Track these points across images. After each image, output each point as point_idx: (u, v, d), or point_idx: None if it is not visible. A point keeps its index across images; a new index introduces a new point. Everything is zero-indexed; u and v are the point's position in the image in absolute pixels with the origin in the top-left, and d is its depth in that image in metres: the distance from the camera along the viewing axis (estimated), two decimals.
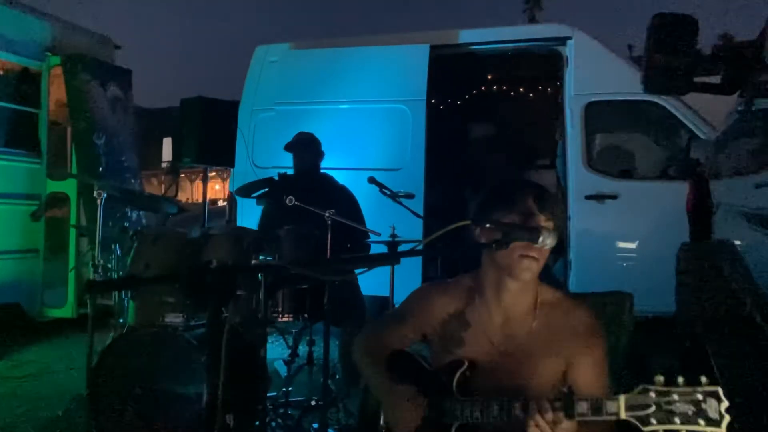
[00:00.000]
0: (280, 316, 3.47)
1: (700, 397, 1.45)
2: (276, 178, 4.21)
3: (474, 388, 1.89)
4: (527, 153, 8.12)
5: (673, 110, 5.51)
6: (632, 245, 5.55)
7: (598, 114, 5.73)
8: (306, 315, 3.47)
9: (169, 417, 3.07)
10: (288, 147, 4.43)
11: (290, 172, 4.47)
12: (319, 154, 4.42)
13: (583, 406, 1.61)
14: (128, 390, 3.11)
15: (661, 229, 5.02)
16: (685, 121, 5.47)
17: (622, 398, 1.54)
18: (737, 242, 3.24)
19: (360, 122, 6.06)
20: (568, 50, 5.82)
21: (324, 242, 3.37)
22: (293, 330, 3.87)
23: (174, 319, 3.22)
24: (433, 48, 6.00)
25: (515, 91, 7.96)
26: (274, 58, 6.48)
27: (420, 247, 2.37)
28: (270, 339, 4.95)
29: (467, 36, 6.18)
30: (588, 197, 5.48)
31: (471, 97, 7.95)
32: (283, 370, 4.05)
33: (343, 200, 4.17)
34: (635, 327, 2.25)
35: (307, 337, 3.91)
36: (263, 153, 6.06)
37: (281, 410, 3.50)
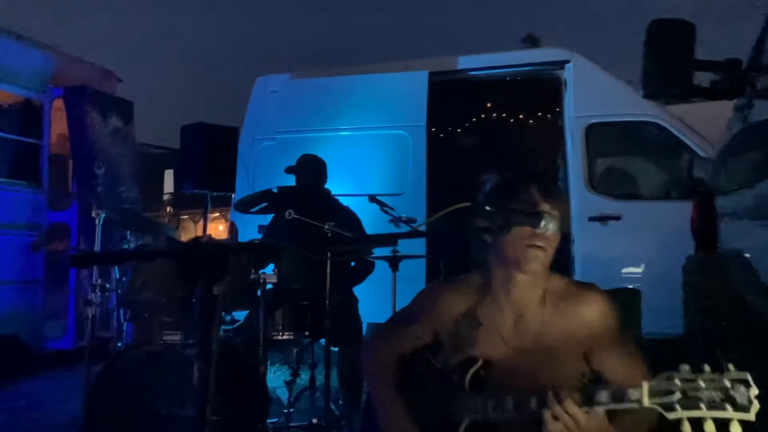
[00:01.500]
0: (281, 333, 3.41)
1: (727, 383, 1.39)
2: (275, 191, 4.18)
3: (488, 387, 1.82)
4: None
5: (673, 130, 5.50)
6: (637, 266, 5.49)
7: (598, 136, 5.73)
8: (306, 332, 3.40)
9: None
10: (290, 169, 4.42)
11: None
12: (323, 174, 4.38)
13: (603, 395, 1.54)
14: (126, 408, 3.05)
15: (666, 249, 4.96)
16: (686, 141, 5.46)
17: (645, 385, 1.48)
18: (747, 252, 3.18)
19: (361, 149, 6.07)
20: (567, 74, 5.84)
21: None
22: (294, 350, 3.80)
23: (172, 337, 3.17)
24: (432, 74, 6.04)
25: (515, 115, 7.98)
26: (275, 89, 6.53)
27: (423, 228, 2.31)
28: (272, 369, 4.88)
29: (466, 62, 6.22)
30: (591, 219, 5.44)
31: (471, 123, 7.98)
32: (284, 396, 3.97)
33: (346, 216, 4.13)
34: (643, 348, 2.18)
35: (309, 360, 3.85)
36: (265, 182, 6.04)
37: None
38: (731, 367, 1.42)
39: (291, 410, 3.53)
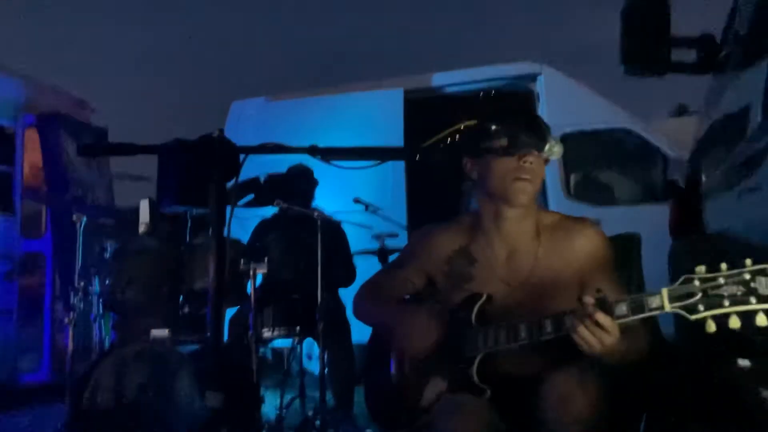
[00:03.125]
0: (271, 331, 3.34)
1: (747, 276, 1.39)
2: (262, 180, 4.11)
3: (495, 320, 1.79)
4: None
5: (646, 135, 5.64)
6: None
7: (573, 144, 5.80)
8: (297, 328, 3.34)
9: None
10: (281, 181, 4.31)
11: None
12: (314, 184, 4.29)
13: (622, 308, 1.53)
14: (113, 411, 2.93)
15: (647, 252, 5.01)
16: (659, 145, 5.58)
17: (664, 291, 1.47)
18: (736, 227, 3.18)
19: (338, 169, 6.06)
20: (539, 86, 5.96)
21: (314, 247, 3.29)
22: (285, 349, 3.72)
23: (160, 334, 3.07)
24: (407, 92, 6.12)
25: None
26: (251, 113, 6.54)
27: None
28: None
29: (439, 79, 6.31)
30: None
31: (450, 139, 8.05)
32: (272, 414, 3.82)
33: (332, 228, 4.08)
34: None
35: (298, 368, 3.76)
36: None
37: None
38: (748, 261, 1.42)
39: (285, 411, 3.43)
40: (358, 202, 4.17)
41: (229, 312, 3.63)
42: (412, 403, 1.88)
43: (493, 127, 1.78)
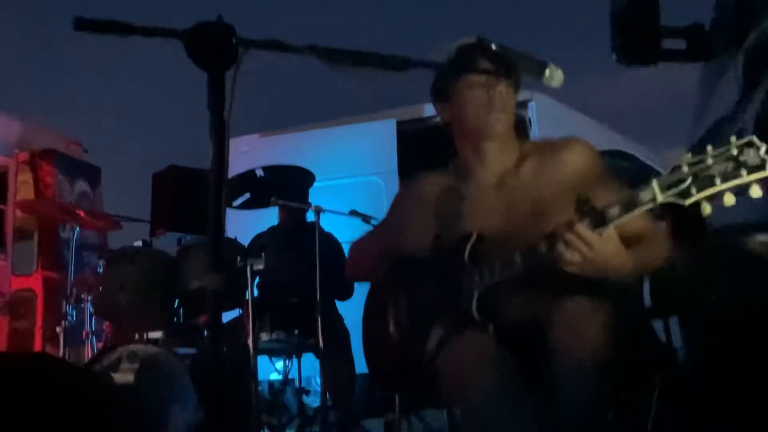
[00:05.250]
0: (269, 334, 3.24)
1: (735, 152, 1.37)
2: (259, 174, 4.03)
3: (488, 256, 1.75)
4: None
5: (638, 155, 5.67)
6: None
7: None
8: (296, 331, 3.24)
9: None
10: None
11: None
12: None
13: (614, 210, 1.50)
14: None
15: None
16: (652, 164, 5.61)
17: (654, 182, 1.44)
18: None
19: (335, 198, 6.04)
20: (531, 112, 6.01)
21: (311, 250, 3.23)
22: (283, 358, 3.60)
23: (155, 335, 2.98)
24: (399, 123, 6.16)
25: None
26: (245, 149, 6.55)
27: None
28: None
29: (431, 109, 6.35)
30: None
31: (443, 168, 8.09)
32: None
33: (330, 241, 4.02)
34: None
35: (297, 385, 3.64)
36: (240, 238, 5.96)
37: None
38: (733, 138, 1.39)
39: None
40: (355, 214, 4.13)
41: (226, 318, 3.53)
42: (416, 358, 1.81)
43: (460, 51, 1.80)
